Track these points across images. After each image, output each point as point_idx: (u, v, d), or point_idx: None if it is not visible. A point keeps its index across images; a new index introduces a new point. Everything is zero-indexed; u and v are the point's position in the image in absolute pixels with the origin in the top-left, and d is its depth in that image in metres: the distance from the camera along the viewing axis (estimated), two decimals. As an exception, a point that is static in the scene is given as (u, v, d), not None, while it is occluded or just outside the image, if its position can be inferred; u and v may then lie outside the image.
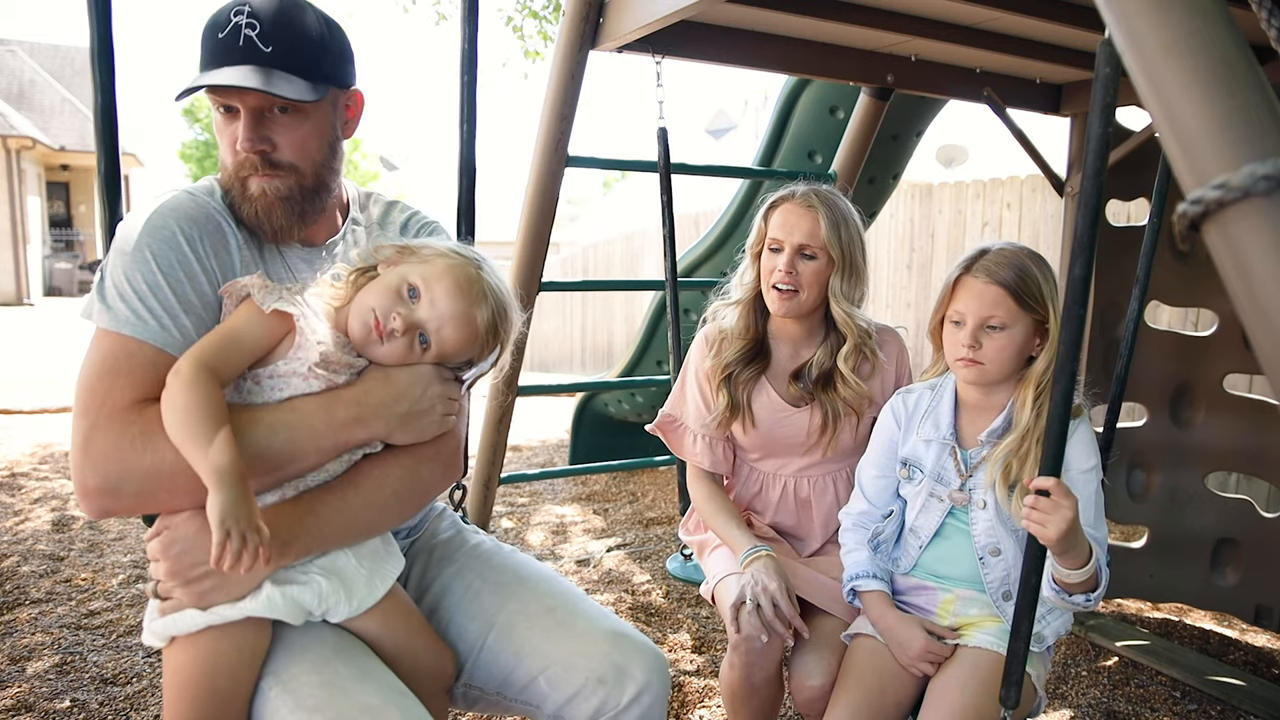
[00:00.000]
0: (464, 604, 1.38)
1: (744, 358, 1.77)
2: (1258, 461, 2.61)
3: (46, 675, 2.40)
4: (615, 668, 1.26)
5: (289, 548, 1.11)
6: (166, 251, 1.16)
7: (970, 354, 1.48)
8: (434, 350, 1.20)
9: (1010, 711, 1.31)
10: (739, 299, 1.80)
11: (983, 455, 1.53)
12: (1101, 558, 1.38)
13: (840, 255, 1.68)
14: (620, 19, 2.28)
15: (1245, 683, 2.43)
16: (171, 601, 1.12)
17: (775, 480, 1.85)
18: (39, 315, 15.74)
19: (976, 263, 1.49)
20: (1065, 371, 1.13)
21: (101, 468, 1.07)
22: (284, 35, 1.20)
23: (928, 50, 2.60)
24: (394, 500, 1.23)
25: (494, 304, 1.22)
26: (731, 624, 1.57)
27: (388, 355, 1.18)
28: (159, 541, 1.11)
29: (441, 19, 7.36)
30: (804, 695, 1.58)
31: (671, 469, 4.79)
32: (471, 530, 1.54)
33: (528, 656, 1.30)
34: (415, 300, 1.17)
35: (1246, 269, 0.55)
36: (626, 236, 10.87)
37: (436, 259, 1.21)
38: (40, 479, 4.50)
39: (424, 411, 1.21)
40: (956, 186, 6.02)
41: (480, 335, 1.21)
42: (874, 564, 1.61)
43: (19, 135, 17.61)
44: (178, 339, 1.14)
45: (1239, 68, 0.58)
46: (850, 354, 1.73)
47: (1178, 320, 4.06)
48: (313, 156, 1.27)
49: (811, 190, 1.72)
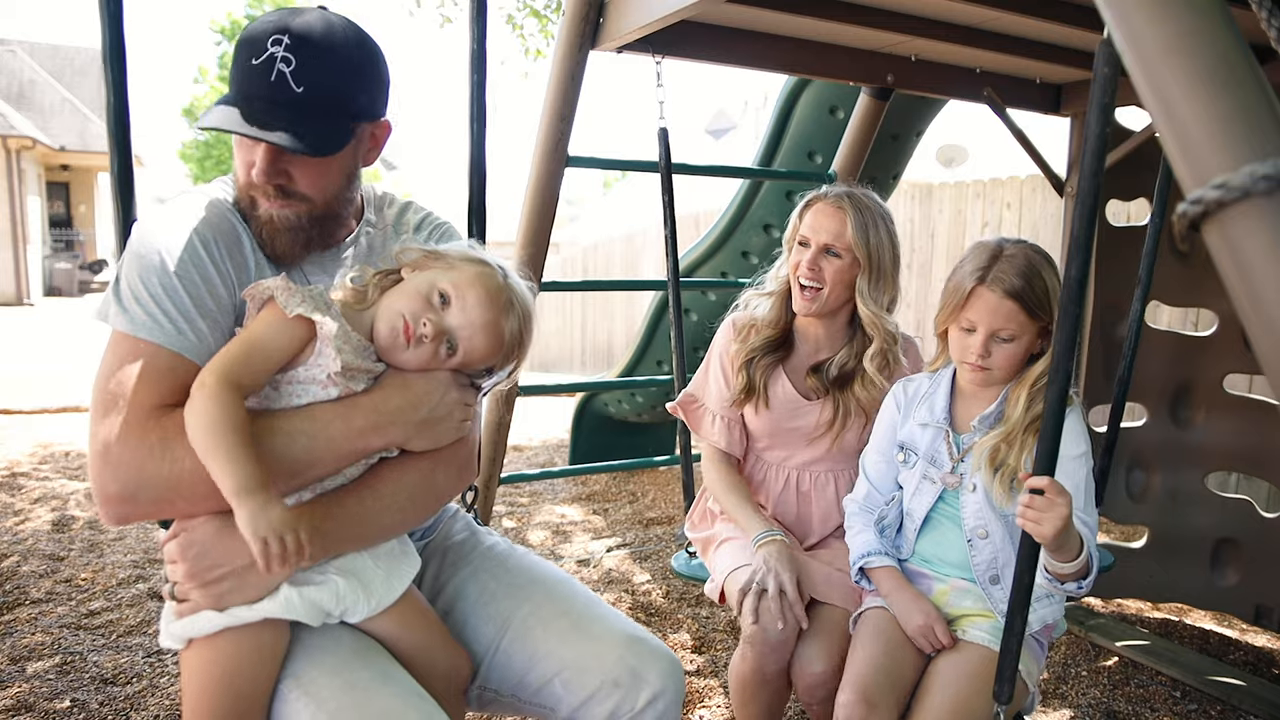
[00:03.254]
0: (479, 606, 1.37)
1: (768, 346, 1.82)
2: (1258, 461, 2.61)
3: (46, 675, 2.40)
4: (630, 671, 1.26)
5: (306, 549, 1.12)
6: (182, 254, 1.15)
7: (980, 361, 1.51)
8: (460, 357, 1.20)
9: (1003, 707, 1.31)
10: (773, 290, 1.86)
11: (974, 440, 1.56)
12: (1092, 544, 1.40)
13: (867, 257, 1.71)
14: (620, 19, 2.27)
15: (1245, 683, 2.42)
16: (189, 604, 1.11)
17: (779, 472, 1.89)
18: (39, 315, 15.74)
19: (990, 271, 1.48)
20: (1061, 371, 1.14)
21: (121, 475, 1.06)
22: (319, 76, 1.14)
23: (928, 50, 2.60)
24: (410, 503, 1.23)
25: (520, 313, 1.22)
26: (748, 614, 1.58)
27: (413, 360, 1.17)
28: (176, 544, 1.10)
29: (447, 21, 7.35)
30: (806, 682, 1.59)
31: (671, 469, 4.78)
32: (486, 532, 1.54)
33: (542, 659, 1.29)
34: (445, 306, 1.17)
35: (1246, 269, 0.55)
36: (626, 236, 10.87)
37: (465, 265, 1.20)
38: (40, 479, 4.50)
39: (441, 419, 1.20)
40: (956, 186, 6.02)
41: (506, 344, 1.22)
42: (881, 543, 1.64)
43: (19, 135, 17.61)
44: (194, 343, 1.13)
45: (1239, 67, 0.58)
46: (876, 355, 1.76)
47: (1178, 320, 4.05)
48: (328, 190, 1.24)
49: (846, 192, 1.75)
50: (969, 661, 1.46)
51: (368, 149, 1.29)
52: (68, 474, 4.62)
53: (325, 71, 1.15)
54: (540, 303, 2.83)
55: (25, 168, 18.47)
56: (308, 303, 1.10)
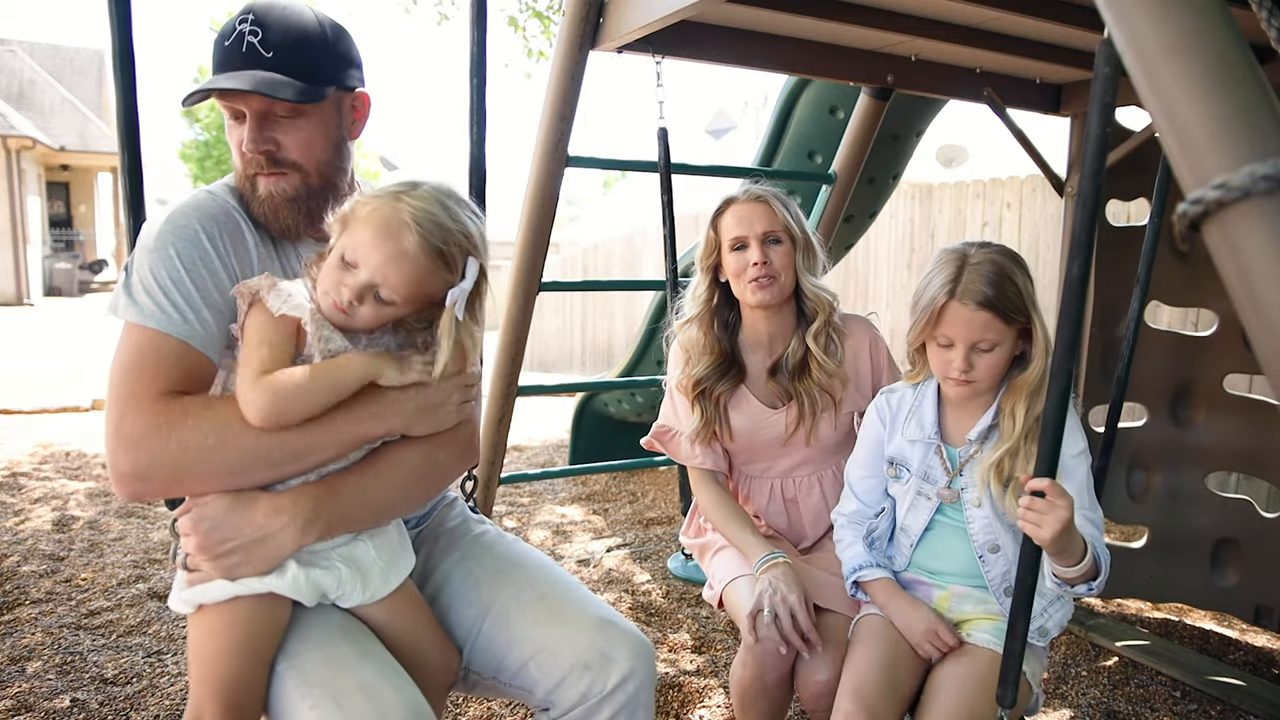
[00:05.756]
0: (463, 590, 1.42)
1: (715, 373, 1.80)
2: (1258, 461, 2.61)
3: (46, 675, 2.40)
4: (600, 654, 1.30)
5: (312, 526, 1.16)
6: (189, 248, 1.21)
7: (963, 375, 1.48)
8: (398, 301, 1.18)
9: (1007, 711, 1.31)
10: (694, 315, 1.83)
11: (970, 453, 1.54)
12: (1099, 541, 1.38)
13: (799, 234, 1.76)
14: (620, 19, 2.27)
15: (1245, 683, 2.42)
16: (200, 574, 1.16)
17: (763, 483, 1.88)
18: (39, 315, 15.74)
19: (959, 284, 1.44)
20: (1062, 372, 1.13)
21: (132, 455, 1.12)
22: (285, 40, 1.25)
23: (928, 50, 2.60)
24: (414, 482, 1.28)
25: (422, 226, 1.16)
26: (749, 633, 1.58)
27: (363, 323, 1.19)
28: (189, 518, 1.15)
29: (444, 19, 7.35)
30: (811, 691, 1.59)
31: (671, 469, 4.78)
32: (477, 520, 1.58)
33: (519, 642, 1.34)
34: (354, 265, 1.16)
35: (1246, 269, 0.55)
36: (626, 237, 10.86)
37: (359, 212, 1.18)
38: (41, 479, 4.50)
39: (440, 403, 1.25)
40: (956, 186, 6.02)
41: (423, 262, 1.17)
42: (872, 555, 1.62)
43: (19, 135, 17.61)
44: (200, 332, 1.19)
45: (1239, 68, 0.58)
46: (819, 331, 1.77)
47: (1178, 320, 4.05)
48: (317, 156, 1.31)
49: (752, 185, 1.81)
50: (975, 665, 1.45)
51: (350, 120, 1.37)
52: (68, 474, 4.62)
53: (290, 38, 1.25)
54: (540, 303, 2.83)
55: (25, 168, 18.47)
56: (289, 302, 1.16)
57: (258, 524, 1.14)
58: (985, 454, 1.51)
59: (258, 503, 1.15)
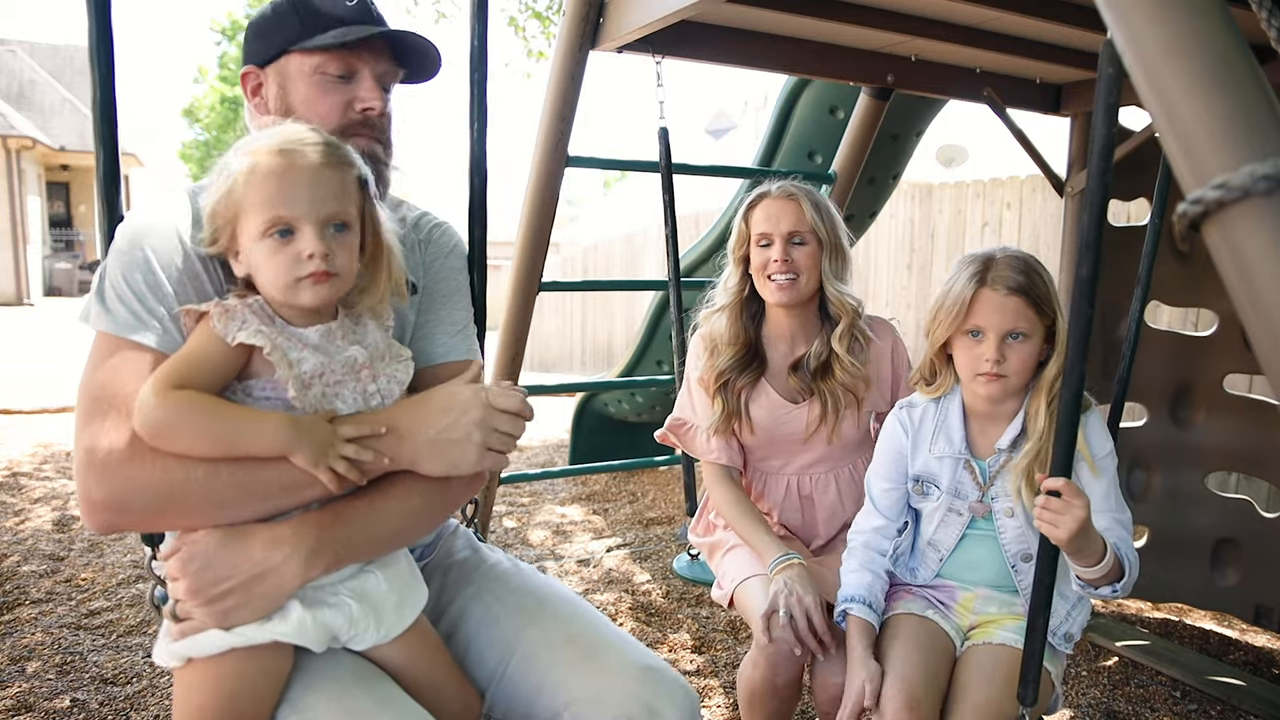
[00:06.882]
0: (483, 629, 1.31)
1: (738, 365, 1.80)
2: (1258, 461, 2.61)
3: (46, 675, 2.40)
4: (645, 707, 1.17)
5: (317, 557, 1.04)
6: (167, 251, 1.10)
7: (995, 368, 1.44)
8: (348, 229, 1.08)
9: (1028, 709, 1.31)
10: (725, 304, 1.85)
11: (1001, 464, 1.52)
12: (1126, 543, 1.37)
13: (827, 237, 1.76)
14: (620, 19, 2.28)
15: (1245, 683, 2.42)
16: (191, 622, 1.03)
17: (779, 479, 1.87)
18: (39, 315, 15.74)
19: (989, 273, 1.45)
20: (1074, 372, 1.13)
21: (107, 482, 1.00)
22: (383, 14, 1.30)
23: (928, 50, 2.60)
24: (423, 508, 1.16)
25: (301, 140, 1.06)
26: (763, 633, 1.56)
27: (345, 269, 1.08)
28: (177, 559, 1.03)
29: (442, 17, 7.35)
30: (827, 694, 1.57)
31: (672, 469, 4.78)
32: (488, 549, 1.48)
33: (549, 689, 1.22)
34: (293, 220, 1.03)
35: (1246, 269, 0.55)
36: (626, 236, 10.86)
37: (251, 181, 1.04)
38: (41, 479, 4.50)
39: (456, 441, 1.09)
40: (956, 186, 6.02)
41: (334, 161, 1.07)
42: (872, 592, 1.56)
43: (19, 135, 17.60)
44: (179, 342, 1.07)
45: (1239, 68, 0.58)
46: (844, 334, 1.77)
47: (1178, 320, 4.05)
48: (389, 125, 1.33)
49: (788, 182, 1.81)
50: (1002, 662, 1.43)
51: None
52: (68, 474, 4.62)
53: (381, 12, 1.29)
54: (540, 303, 2.84)
55: (25, 168, 18.46)
56: (247, 328, 1.03)
57: (255, 559, 1.01)
58: (1016, 461, 1.48)
59: (254, 536, 1.03)
